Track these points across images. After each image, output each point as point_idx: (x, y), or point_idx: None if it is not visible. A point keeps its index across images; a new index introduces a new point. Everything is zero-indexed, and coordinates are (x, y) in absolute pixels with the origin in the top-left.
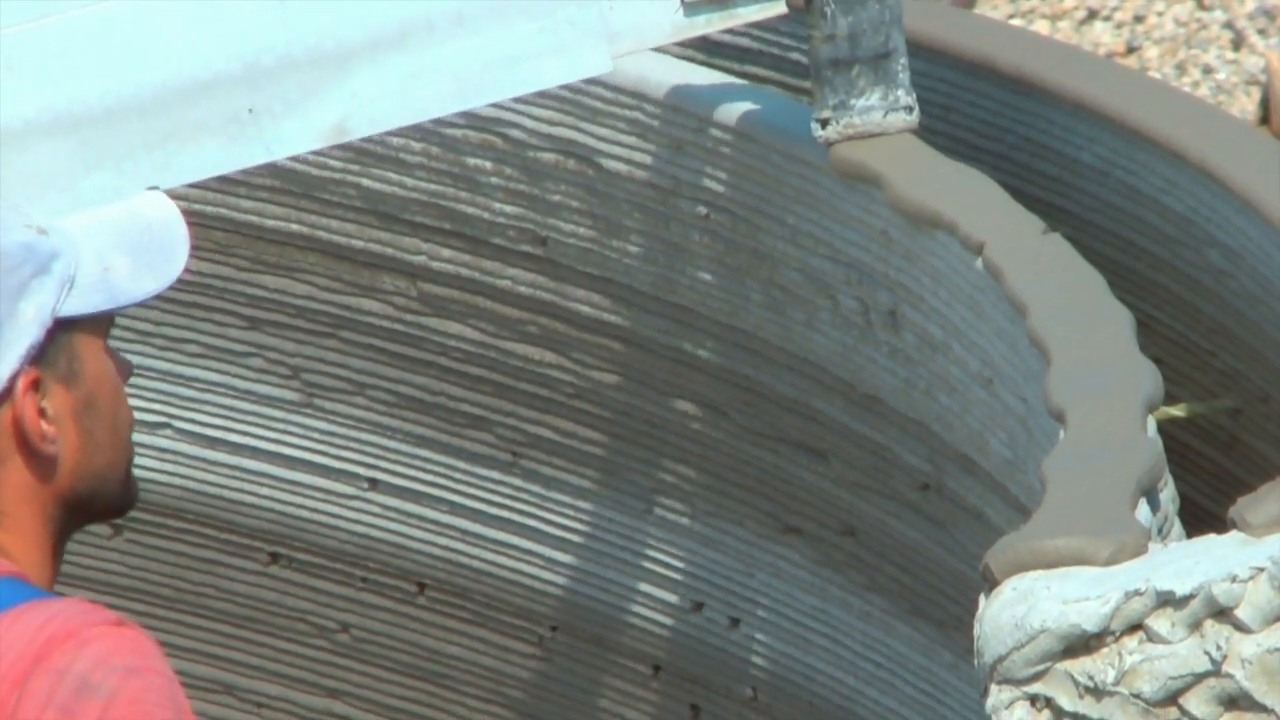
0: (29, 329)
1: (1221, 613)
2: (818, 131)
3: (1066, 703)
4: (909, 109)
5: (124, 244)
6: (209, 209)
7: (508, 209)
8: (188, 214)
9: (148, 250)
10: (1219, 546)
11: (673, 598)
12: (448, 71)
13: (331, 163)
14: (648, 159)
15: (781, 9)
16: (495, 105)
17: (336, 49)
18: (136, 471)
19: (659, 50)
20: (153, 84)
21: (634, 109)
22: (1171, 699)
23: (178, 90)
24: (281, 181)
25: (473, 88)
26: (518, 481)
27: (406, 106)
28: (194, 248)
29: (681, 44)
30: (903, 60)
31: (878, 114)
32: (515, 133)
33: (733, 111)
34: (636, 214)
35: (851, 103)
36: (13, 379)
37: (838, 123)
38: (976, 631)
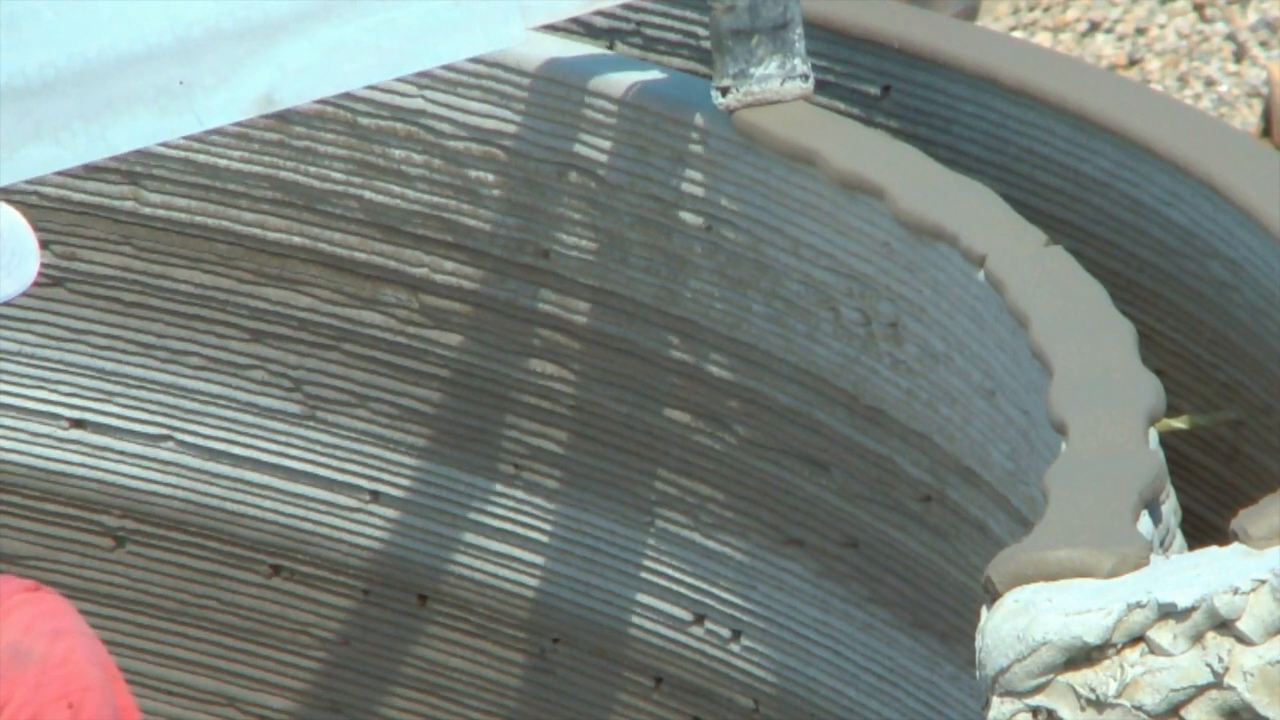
0: None
1: (1223, 625)
2: (718, 99)
3: (1068, 714)
4: (804, 77)
5: None
6: (210, 221)
7: (509, 221)
8: (189, 225)
9: (4, 255)
10: (1220, 558)
11: (675, 610)
12: (370, 44)
13: (334, 175)
14: (649, 171)
15: None
16: (497, 119)
17: (264, 21)
18: (139, 484)
19: (661, 63)
20: (88, 56)
21: (635, 121)
22: (1173, 711)
23: (112, 62)
24: (284, 194)
25: (393, 60)
26: (520, 494)
27: (330, 78)
28: (197, 259)
29: (685, 55)
30: (799, 30)
31: (775, 82)
32: (517, 145)
33: (735, 123)
34: (638, 226)
35: (751, 71)
36: None
37: (737, 90)
38: (978, 643)
